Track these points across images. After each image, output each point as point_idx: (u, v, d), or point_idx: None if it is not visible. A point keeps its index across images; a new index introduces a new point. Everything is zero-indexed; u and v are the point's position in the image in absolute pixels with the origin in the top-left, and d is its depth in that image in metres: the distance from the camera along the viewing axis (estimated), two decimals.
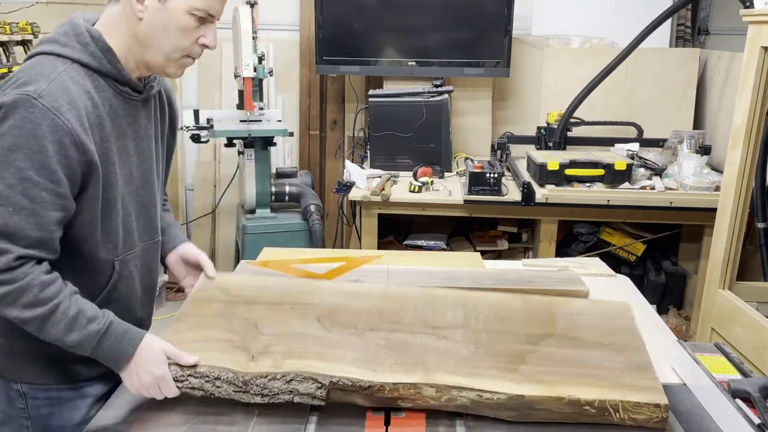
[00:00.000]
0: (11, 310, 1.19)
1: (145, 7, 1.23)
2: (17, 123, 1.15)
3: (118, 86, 1.29)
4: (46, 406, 1.38)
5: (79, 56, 1.24)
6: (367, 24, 3.79)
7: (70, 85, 1.20)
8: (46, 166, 1.16)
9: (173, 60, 1.29)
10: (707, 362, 1.41)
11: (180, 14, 1.24)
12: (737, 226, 2.30)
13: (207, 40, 1.29)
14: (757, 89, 2.17)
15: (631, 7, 3.90)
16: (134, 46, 1.27)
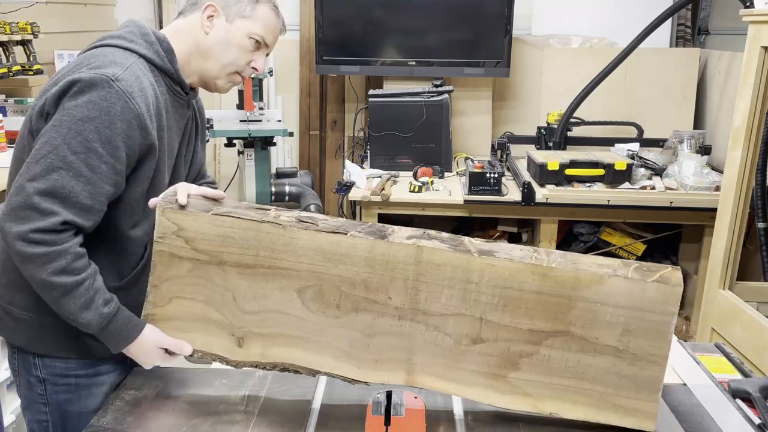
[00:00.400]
0: (41, 271, 1.24)
1: (213, 24, 1.42)
2: (93, 99, 1.24)
3: (173, 84, 1.42)
4: (63, 393, 1.42)
5: (145, 52, 1.37)
6: (367, 24, 3.79)
7: (140, 75, 1.32)
8: (112, 141, 1.26)
9: (226, 73, 1.46)
10: (707, 362, 1.41)
11: (241, 35, 1.43)
12: (737, 226, 2.30)
13: (257, 64, 1.48)
14: (757, 89, 2.17)
15: (631, 7, 3.90)
16: (195, 55, 1.44)
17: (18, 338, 1.43)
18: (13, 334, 1.43)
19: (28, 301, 1.38)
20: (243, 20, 1.43)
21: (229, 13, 1.43)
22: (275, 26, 1.48)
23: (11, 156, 1.40)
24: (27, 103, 3.17)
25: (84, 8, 3.86)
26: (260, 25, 1.45)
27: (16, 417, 2.31)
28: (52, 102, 1.26)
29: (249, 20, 1.43)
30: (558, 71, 3.81)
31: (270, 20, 1.46)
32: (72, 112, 1.24)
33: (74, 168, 1.24)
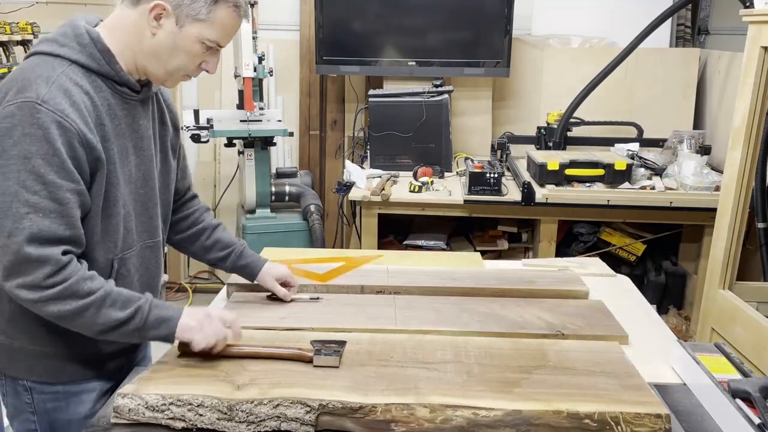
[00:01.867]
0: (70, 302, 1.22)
1: (160, 25, 1.28)
2: (27, 130, 1.17)
3: (116, 86, 1.31)
4: (51, 401, 1.40)
5: (78, 57, 1.26)
6: (367, 24, 3.79)
7: (69, 87, 1.22)
8: (64, 167, 1.20)
9: (173, 77, 1.35)
10: (707, 362, 1.41)
11: (191, 40, 1.29)
12: (737, 226, 2.30)
13: (208, 66, 1.36)
14: (757, 89, 2.17)
15: (631, 7, 3.90)
16: (139, 53, 1.31)
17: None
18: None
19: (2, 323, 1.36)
20: (196, 24, 1.28)
21: (180, 15, 1.27)
22: (235, 27, 1.33)
23: None
24: None
25: (84, 8, 3.86)
26: (216, 29, 1.29)
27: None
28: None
29: (203, 24, 1.28)
30: (558, 71, 3.81)
31: (229, 23, 1.31)
32: (12, 152, 1.17)
33: (41, 207, 1.19)
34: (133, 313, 1.27)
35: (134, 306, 1.28)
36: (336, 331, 1.55)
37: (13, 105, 1.18)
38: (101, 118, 1.27)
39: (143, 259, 1.45)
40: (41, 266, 1.19)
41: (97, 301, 1.24)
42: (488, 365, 1.40)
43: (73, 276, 1.22)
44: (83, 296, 1.22)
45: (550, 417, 1.22)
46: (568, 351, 1.47)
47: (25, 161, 1.17)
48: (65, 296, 1.21)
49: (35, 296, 1.21)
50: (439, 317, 1.65)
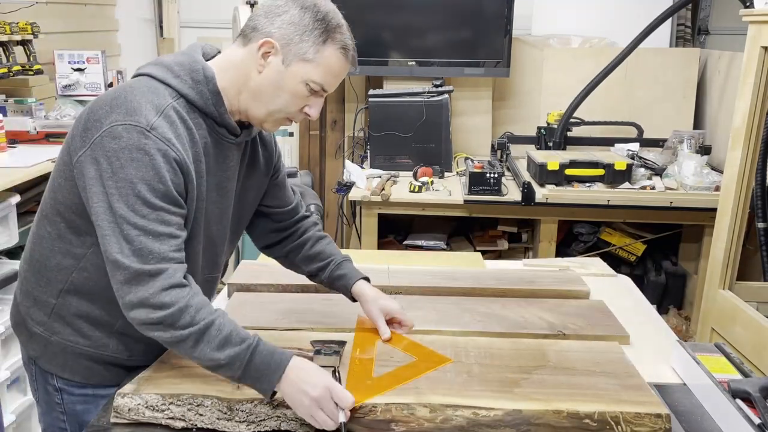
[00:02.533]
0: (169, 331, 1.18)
1: (267, 63, 1.26)
2: (134, 155, 1.16)
3: (216, 126, 1.30)
4: (80, 403, 1.40)
5: (188, 92, 1.26)
6: (367, 24, 3.79)
7: (175, 119, 1.22)
8: (168, 194, 1.19)
9: (274, 118, 1.32)
10: (707, 362, 1.41)
11: (297, 81, 1.26)
12: (737, 226, 2.30)
13: (311, 111, 1.32)
14: (757, 89, 2.17)
15: (631, 7, 3.90)
16: (243, 93, 1.29)
17: (30, 349, 1.42)
18: (27, 344, 1.42)
19: (42, 316, 1.36)
20: (302, 64, 1.25)
21: (288, 54, 1.25)
22: (341, 70, 1.29)
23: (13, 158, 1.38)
24: (27, 103, 3.17)
25: (84, 8, 3.86)
26: (322, 72, 1.27)
27: (16, 417, 2.31)
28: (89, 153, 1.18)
29: (310, 65, 1.25)
30: (558, 71, 3.81)
31: (335, 65, 1.28)
32: (120, 175, 1.16)
33: (150, 230, 1.17)
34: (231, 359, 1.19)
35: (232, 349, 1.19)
36: (336, 331, 1.55)
37: (121, 126, 1.17)
38: (198, 154, 1.27)
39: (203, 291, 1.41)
40: (152, 279, 1.16)
41: (194, 334, 1.18)
42: (488, 365, 1.40)
43: (181, 302, 1.17)
44: (184, 326, 1.17)
45: (551, 417, 1.22)
46: (568, 351, 1.47)
47: (131, 185, 1.16)
48: (168, 323, 1.17)
49: (144, 316, 1.17)
50: (440, 317, 1.65)
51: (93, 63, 3.44)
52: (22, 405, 2.36)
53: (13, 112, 3.15)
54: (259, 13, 1.28)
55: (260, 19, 1.27)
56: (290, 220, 1.61)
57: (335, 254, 1.60)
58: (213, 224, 1.38)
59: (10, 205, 2.35)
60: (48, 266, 1.33)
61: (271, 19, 1.26)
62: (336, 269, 1.57)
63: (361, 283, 1.55)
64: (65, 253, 1.31)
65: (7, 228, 2.36)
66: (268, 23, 1.26)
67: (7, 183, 2.31)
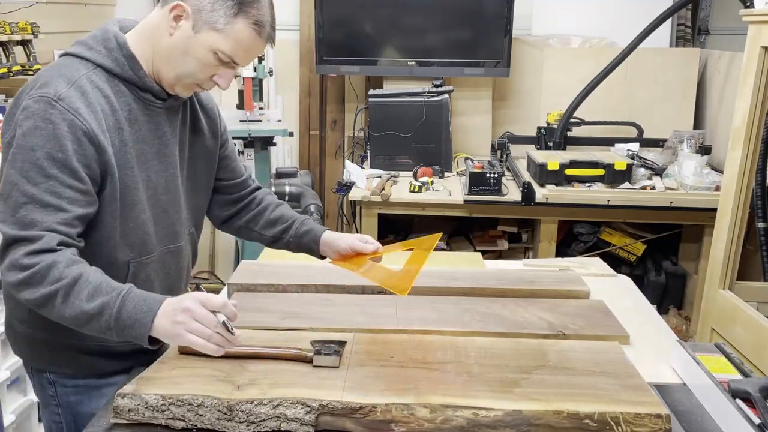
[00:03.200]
0: (39, 288, 1.16)
1: (178, 26, 1.26)
2: (38, 124, 1.19)
3: (139, 92, 1.31)
4: (74, 394, 1.41)
5: (102, 61, 1.28)
6: (367, 24, 3.79)
7: (88, 89, 1.24)
8: (68, 164, 1.20)
9: (182, 83, 1.32)
10: (707, 362, 1.41)
11: (204, 48, 1.26)
12: (737, 226, 2.30)
13: (220, 81, 1.31)
14: (757, 89, 2.17)
15: (631, 7, 3.91)
16: (156, 55, 1.30)
17: (18, 350, 1.44)
18: (15, 345, 1.44)
19: (23, 313, 1.37)
20: (211, 33, 1.25)
21: (198, 20, 1.25)
22: (252, 46, 1.28)
23: None
24: None
25: (84, 8, 3.86)
26: (230, 43, 1.26)
27: (16, 417, 2.31)
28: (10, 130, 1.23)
29: (219, 34, 1.25)
30: (558, 71, 3.81)
31: (246, 39, 1.26)
32: (20, 142, 1.19)
33: (38, 200, 1.18)
34: (101, 307, 1.16)
35: (101, 299, 1.16)
36: (336, 331, 1.55)
37: (31, 98, 1.21)
38: (120, 122, 1.27)
39: (163, 264, 1.44)
40: (24, 244, 1.17)
41: (63, 288, 1.15)
42: (488, 365, 1.40)
43: (48, 260, 1.15)
44: (52, 282, 1.15)
45: (551, 417, 1.22)
46: (568, 351, 1.47)
47: (30, 152, 1.18)
48: (36, 281, 1.16)
49: (13, 278, 1.17)
50: (440, 317, 1.65)
51: None
52: (22, 405, 2.36)
53: None
54: None
55: None
56: (244, 191, 1.64)
57: (296, 216, 1.64)
58: (161, 193, 1.38)
59: None
60: None
61: None
62: (301, 226, 1.61)
63: (327, 233, 1.60)
64: None
65: None
66: None
67: None
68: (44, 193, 1.18)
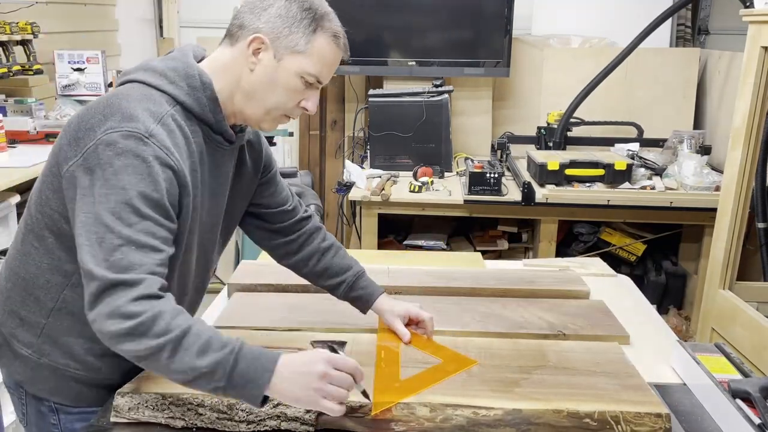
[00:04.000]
0: (142, 341, 1.07)
1: (259, 60, 1.21)
2: (130, 161, 1.10)
3: (212, 134, 1.26)
4: (79, 421, 1.34)
5: (185, 99, 1.21)
6: (367, 24, 3.79)
7: (173, 127, 1.17)
8: (161, 204, 1.13)
9: (271, 116, 1.27)
10: (707, 362, 1.41)
11: (291, 75, 1.22)
12: (737, 226, 2.30)
13: (308, 105, 1.27)
14: (757, 89, 2.17)
15: (631, 7, 3.91)
16: (237, 95, 1.25)
17: (15, 372, 1.34)
18: (11, 366, 1.34)
19: (30, 337, 1.29)
20: (294, 57, 1.21)
21: (278, 47, 1.21)
22: (335, 59, 1.25)
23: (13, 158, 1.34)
24: (27, 103, 3.17)
25: (84, 8, 3.86)
26: (315, 62, 1.22)
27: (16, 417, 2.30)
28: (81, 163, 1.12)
29: (302, 56, 1.21)
30: (558, 71, 3.81)
31: (328, 54, 1.24)
32: (112, 182, 1.10)
33: (134, 240, 1.09)
34: (214, 365, 1.08)
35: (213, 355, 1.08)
36: (336, 331, 1.55)
37: (117, 133, 1.11)
38: (195, 163, 1.22)
39: (191, 301, 1.40)
40: (125, 289, 1.07)
41: (171, 342, 1.07)
42: (488, 365, 1.40)
43: (155, 309, 1.07)
44: (159, 334, 1.06)
45: (551, 416, 1.22)
46: (568, 351, 1.47)
47: (123, 192, 1.10)
48: (141, 332, 1.06)
49: (115, 327, 1.06)
50: (440, 317, 1.65)
51: (93, 63, 3.45)
52: None
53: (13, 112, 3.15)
54: (244, 10, 1.23)
55: (246, 15, 1.23)
56: (284, 223, 1.55)
57: (345, 270, 1.54)
58: (205, 233, 1.33)
59: (10, 205, 2.35)
60: (36, 284, 1.25)
61: (257, 14, 1.22)
62: (350, 291, 1.53)
63: (378, 301, 1.53)
64: (54, 270, 1.24)
65: (7, 228, 2.36)
66: (255, 19, 1.21)
67: (7, 183, 2.31)
68: (140, 234, 1.10)
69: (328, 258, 1.54)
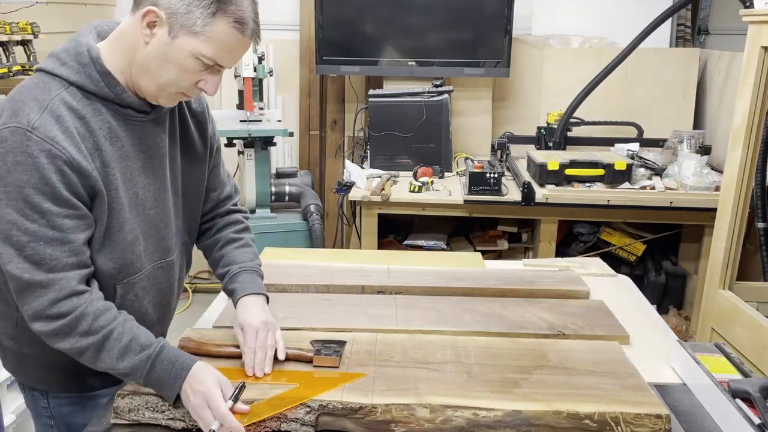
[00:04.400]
0: (68, 340, 1.18)
1: (153, 33, 1.16)
2: (18, 158, 1.11)
3: (119, 109, 1.23)
4: (67, 405, 1.39)
5: (76, 78, 1.18)
6: (367, 24, 3.79)
7: (62, 112, 1.15)
8: (58, 195, 1.14)
9: (166, 93, 1.22)
10: (707, 362, 1.41)
11: (184, 55, 1.16)
12: (737, 226, 2.30)
13: (206, 86, 1.22)
14: (757, 89, 2.17)
15: (631, 7, 3.90)
16: (133, 65, 1.20)
17: (6, 362, 1.41)
18: (4, 361, 1.41)
19: (10, 329, 1.34)
20: (190, 37, 1.14)
21: (173, 24, 1.14)
22: (236, 45, 1.18)
23: None
24: None
25: (84, 8, 3.86)
26: (213, 46, 1.16)
27: (16, 417, 2.31)
28: None
29: (198, 38, 1.15)
30: (558, 71, 3.81)
31: (228, 39, 1.16)
32: (8, 179, 1.12)
33: (41, 236, 1.14)
34: (131, 369, 1.19)
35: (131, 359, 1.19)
36: (336, 331, 1.55)
37: (7, 129, 1.13)
38: (99, 143, 1.19)
39: (154, 280, 1.38)
40: (44, 292, 1.15)
41: (93, 345, 1.18)
42: (488, 365, 1.40)
43: (77, 311, 1.16)
44: (82, 334, 1.17)
45: (550, 417, 1.22)
46: (568, 351, 1.47)
47: (19, 190, 1.12)
48: (65, 332, 1.17)
49: (43, 328, 1.17)
50: (440, 317, 1.65)
51: None
52: (22, 405, 2.35)
53: None
54: None
55: None
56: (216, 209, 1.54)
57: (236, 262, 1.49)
58: (149, 208, 1.31)
59: None
60: (3, 279, 1.27)
61: None
62: (229, 282, 1.48)
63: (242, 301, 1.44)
64: None
65: None
66: None
67: None
68: (45, 228, 1.14)
69: (229, 248, 1.52)
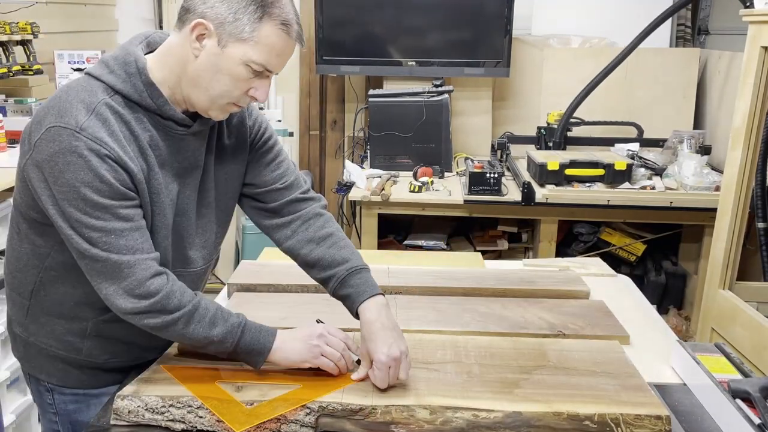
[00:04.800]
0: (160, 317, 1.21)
1: (202, 46, 1.17)
2: (68, 158, 1.13)
3: (160, 120, 1.24)
4: (72, 402, 1.40)
5: (122, 86, 1.20)
6: (367, 24, 3.79)
7: (108, 116, 1.17)
8: (115, 190, 1.16)
9: (218, 105, 1.23)
10: (707, 362, 1.41)
11: (235, 63, 1.18)
12: (737, 226, 2.30)
13: (257, 93, 1.23)
14: (757, 89, 2.17)
15: (631, 7, 3.90)
16: (184, 80, 1.22)
17: (15, 350, 1.44)
18: (13, 345, 1.44)
19: (21, 317, 1.36)
20: (239, 45, 1.16)
21: (222, 34, 1.16)
22: (284, 48, 1.19)
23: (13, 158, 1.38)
24: (27, 103, 3.17)
25: (84, 8, 3.86)
26: (262, 51, 1.17)
27: (16, 417, 2.31)
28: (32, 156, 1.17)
29: (247, 44, 1.16)
30: (558, 71, 3.81)
31: (276, 42, 1.17)
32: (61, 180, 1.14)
33: (110, 229, 1.16)
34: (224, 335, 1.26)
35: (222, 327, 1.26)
36: None
37: (54, 129, 1.14)
38: (143, 147, 1.22)
39: None
40: (132, 269, 1.18)
41: (185, 315, 1.23)
42: (488, 365, 1.40)
43: (166, 288, 1.21)
44: (173, 310, 1.21)
45: (550, 419, 1.22)
46: (568, 351, 1.47)
47: (76, 190, 1.14)
48: (157, 309, 1.20)
49: (130, 306, 1.19)
50: (440, 317, 1.65)
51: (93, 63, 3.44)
52: (22, 405, 2.36)
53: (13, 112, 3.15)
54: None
55: None
56: (277, 202, 1.44)
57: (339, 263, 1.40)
58: (177, 216, 1.32)
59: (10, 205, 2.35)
60: (18, 267, 1.33)
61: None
62: (340, 287, 1.39)
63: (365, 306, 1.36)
64: (31, 254, 1.30)
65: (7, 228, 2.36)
66: (201, 3, 1.17)
67: (8, 183, 2.31)
68: (112, 221, 1.16)
69: (323, 248, 1.41)
